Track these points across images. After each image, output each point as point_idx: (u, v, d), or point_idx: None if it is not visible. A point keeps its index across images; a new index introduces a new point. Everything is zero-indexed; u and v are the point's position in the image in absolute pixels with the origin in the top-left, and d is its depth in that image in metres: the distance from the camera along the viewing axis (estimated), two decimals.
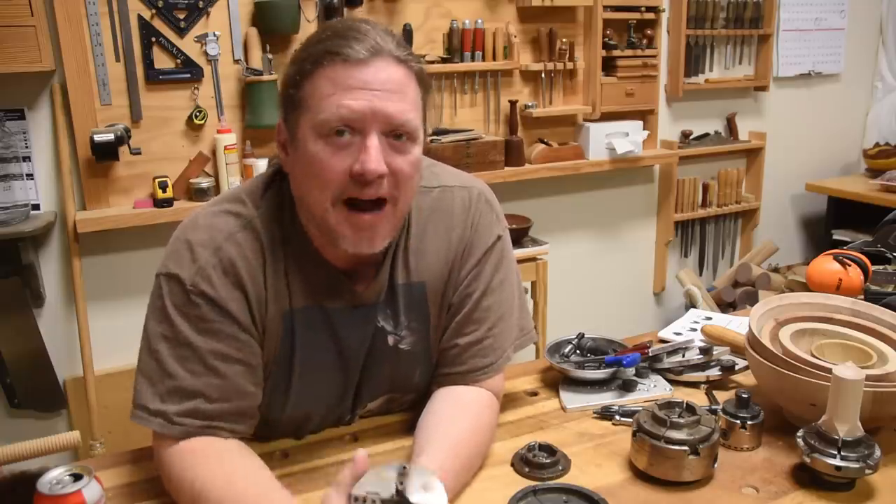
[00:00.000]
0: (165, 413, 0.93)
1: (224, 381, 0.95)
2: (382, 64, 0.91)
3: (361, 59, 0.90)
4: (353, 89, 0.90)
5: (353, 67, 0.90)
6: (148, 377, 0.95)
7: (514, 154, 2.67)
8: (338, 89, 0.90)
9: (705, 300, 3.10)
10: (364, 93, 0.90)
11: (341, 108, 0.89)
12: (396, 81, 0.92)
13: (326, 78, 0.91)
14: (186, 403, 0.93)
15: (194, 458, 0.92)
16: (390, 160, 0.92)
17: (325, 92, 0.90)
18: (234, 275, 0.96)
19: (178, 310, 0.94)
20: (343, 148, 0.91)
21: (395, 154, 0.92)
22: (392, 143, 0.92)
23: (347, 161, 0.91)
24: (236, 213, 1.00)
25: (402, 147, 0.93)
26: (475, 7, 2.61)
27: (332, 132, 0.90)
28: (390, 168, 0.92)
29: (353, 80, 0.90)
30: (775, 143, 3.41)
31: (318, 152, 0.91)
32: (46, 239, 2.19)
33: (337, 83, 0.90)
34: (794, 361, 1.04)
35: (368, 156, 0.89)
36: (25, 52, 1.93)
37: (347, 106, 0.89)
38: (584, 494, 0.92)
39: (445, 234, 1.08)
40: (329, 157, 0.91)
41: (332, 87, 0.90)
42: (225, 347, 0.95)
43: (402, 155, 0.93)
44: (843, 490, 0.95)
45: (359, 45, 0.90)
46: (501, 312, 1.10)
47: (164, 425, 0.93)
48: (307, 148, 0.92)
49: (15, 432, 2.23)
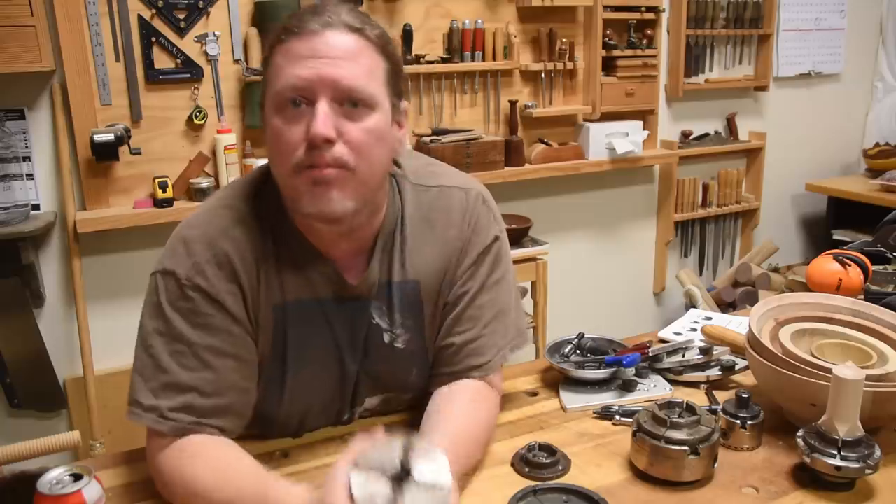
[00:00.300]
0: (158, 408, 0.93)
1: (217, 376, 0.95)
2: (333, 33, 0.92)
3: (312, 30, 0.92)
4: (302, 58, 0.91)
5: (304, 39, 0.92)
6: (142, 373, 0.95)
7: (514, 154, 2.67)
8: (287, 61, 0.92)
9: (705, 300, 3.10)
10: (312, 61, 0.91)
11: (290, 77, 0.91)
12: (346, 48, 0.92)
13: (280, 53, 0.94)
14: (179, 398, 0.93)
15: (186, 457, 0.92)
16: (342, 127, 0.92)
17: (279, 65, 0.93)
18: (229, 269, 0.97)
19: (173, 305, 0.95)
20: (297, 117, 0.92)
21: (347, 120, 0.93)
22: (347, 110, 0.93)
23: (302, 129, 0.92)
24: (230, 208, 1.01)
25: (355, 114, 0.93)
26: (475, 7, 2.61)
27: (287, 103, 0.92)
28: (342, 134, 0.92)
29: (303, 50, 0.92)
30: (775, 143, 3.41)
31: (277, 125, 0.93)
32: (46, 239, 2.19)
33: (289, 56, 0.92)
34: (794, 361, 1.04)
35: (315, 120, 0.90)
36: (25, 52, 1.93)
37: (296, 74, 0.91)
38: (584, 494, 0.92)
39: (442, 234, 1.08)
40: (284, 129, 0.93)
41: (283, 60, 0.93)
42: (219, 342, 0.96)
43: (356, 122, 0.93)
44: (843, 490, 0.95)
45: (312, 19, 0.93)
46: (497, 311, 1.10)
47: (156, 420, 0.93)
48: (269, 123, 0.95)
49: (15, 432, 2.23)
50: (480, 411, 1.05)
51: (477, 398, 1.07)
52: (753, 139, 3.35)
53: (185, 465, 0.92)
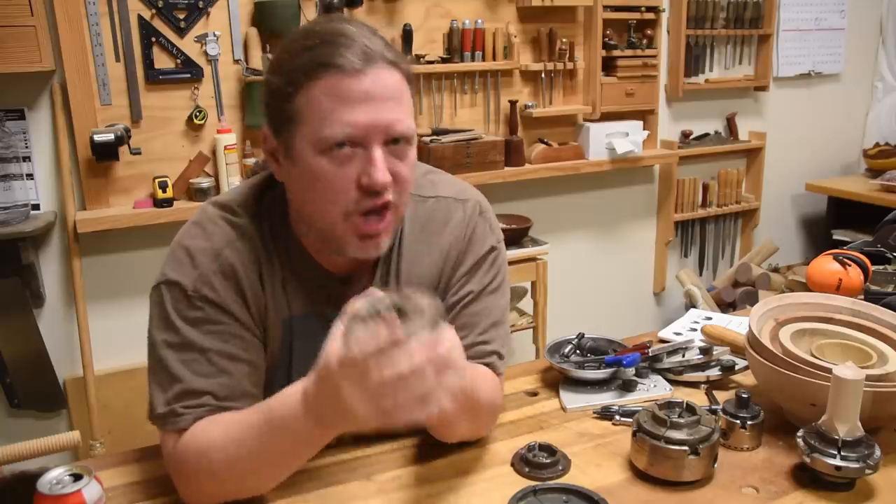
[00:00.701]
0: (174, 410, 0.93)
1: (231, 380, 0.95)
2: (377, 71, 0.89)
3: (357, 68, 0.88)
4: (353, 103, 0.88)
5: (349, 79, 0.88)
6: (158, 384, 0.94)
7: (514, 154, 2.67)
8: (337, 104, 0.88)
9: (705, 300, 3.10)
10: (365, 106, 0.88)
11: (345, 124, 0.88)
12: (393, 88, 0.91)
13: (322, 91, 0.88)
14: (194, 401, 0.93)
15: (199, 432, 0.91)
16: (393, 167, 0.92)
17: (324, 106, 0.88)
18: (235, 280, 0.97)
19: (181, 315, 0.94)
20: (347, 160, 0.90)
21: (396, 160, 0.92)
22: (392, 149, 0.92)
23: (353, 173, 0.90)
24: (231, 222, 0.99)
25: (401, 152, 0.93)
26: (475, 7, 2.61)
27: (334, 146, 0.89)
28: (394, 175, 0.92)
29: (353, 94, 0.88)
30: (775, 143, 3.41)
31: (323, 167, 0.90)
32: (46, 239, 2.19)
33: (336, 97, 0.88)
34: (794, 361, 1.04)
35: (376, 168, 0.89)
36: (25, 52, 1.94)
37: (350, 121, 0.88)
38: (584, 494, 0.92)
39: (438, 244, 1.08)
40: (334, 172, 0.90)
41: (330, 101, 0.88)
42: (231, 347, 0.95)
43: (402, 160, 0.93)
44: (843, 490, 0.95)
45: (350, 54, 0.88)
46: (493, 319, 1.08)
47: (174, 422, 0.92)
48: (308, 162, 0.91)
49: (15, 432, 2.23)
50: (486, 378, 1.04)
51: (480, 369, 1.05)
52: (753, 139, 3.35)
53: (200, 438, 0.91)
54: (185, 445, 0.91)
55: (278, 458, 0.89)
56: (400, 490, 0.98)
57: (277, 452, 0.88)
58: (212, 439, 0.90)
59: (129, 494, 0.99)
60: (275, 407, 0.87)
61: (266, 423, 0.87)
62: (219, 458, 0.89)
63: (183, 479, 0.94)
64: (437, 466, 1.03)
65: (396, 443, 1.09)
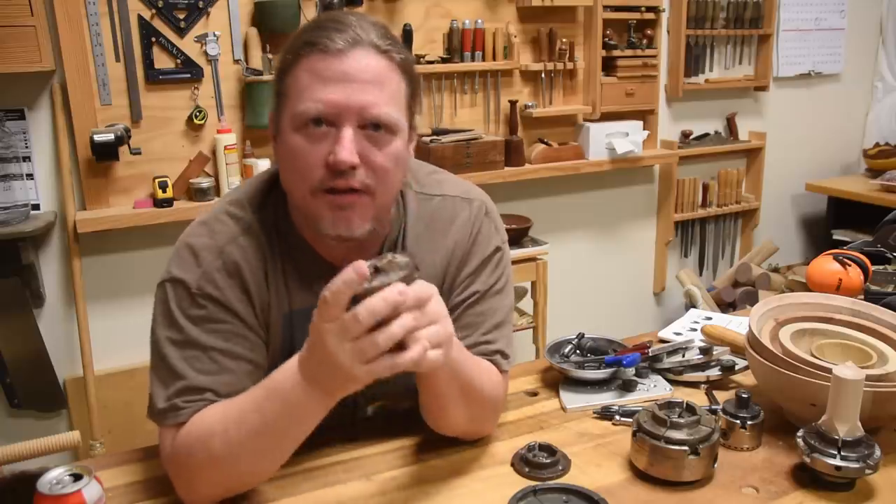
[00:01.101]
0: (174, 405, 0.93)
1: (233, 378, 0.95)
2: (361, 54, 0.90)
3: (339, 48, 0.89)
4: (328, 80, 0.89)
5: (330, 58, 0.90)
6: (161, 381, 0.94)
7: (514, 154, 2.67)
8: (314, 81, 0.90)
9: (705, 300, 3.10)
10: (340, 84, 0.89)
11: (317, 101, 0.90)
12: (374, 72, 0.91)
13: (304, 69, 0.91)
14: (196, 396, 0.93)
15: (197, 421, 0.91)
16: (366, 152, 0.92)
17: (303, 83, 0.91)
18: (239, 277, 0.97)
19: (184, 313, 0.94)
20: (319, 138, 0.91)
21: (371, 146, 0.92)
22: (369, 134, 0.92)
23: (323, 151, 0.91)
24: (236, 217, 1.00)
25: (378, 139, 0.92)
26: (475, 7, 2.61)
27: (309, 123, 0.91)
28: (365, 160, 0.91)
29: (329, 72, 0.89)
30: (775, 143, 3.41)
31: (296, 143, 0.92)
32: (46, 239, 2.19)
33: (314, 74, 0.90)
34: (794, 361, 1.04)
35: (341, 146, 0.89)
36: (25, 52, 1.94)
37: (322, 98, 0.89)
38: (584, 494, 0.92)
39: (442, 244, 1.07)
40: (306, 149, 0.91)
41: (308, 78, 0.90)
42: (233, 346, 0.95)
43: (379, 147, 0.93)
44: (843, 490, 0.95)
45: (338, 36, 0.90)
46: (497, 320, 1.08)
47: (174, 416, 0.92)
48: (286, 138, 0.93)
49: (15, 432, 2.23)
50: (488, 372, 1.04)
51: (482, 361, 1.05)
52: (753, 139, 3.35)
53: (199, 425, 0.91)
54: (184, 436, 0.91)
55: (279, 433, 0.88)
56: (399, 490, 0.98)
57: (279, 426, 0.87)
58: (210, 424, 0.90)
59: (129, 494, 0.99)
60: (273, 379, 0.87)
61: (265, 397, 0.87)
62: (219, 442, 0.88)
63: (182, 473, 0.93)
64: (436, 466, 1.03)
65: (396, 443, 1.09)
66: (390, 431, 1.11)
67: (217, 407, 0.92)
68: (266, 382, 0.88)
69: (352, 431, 1.11)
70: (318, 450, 1.07)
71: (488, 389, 1.03)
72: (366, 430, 1.12)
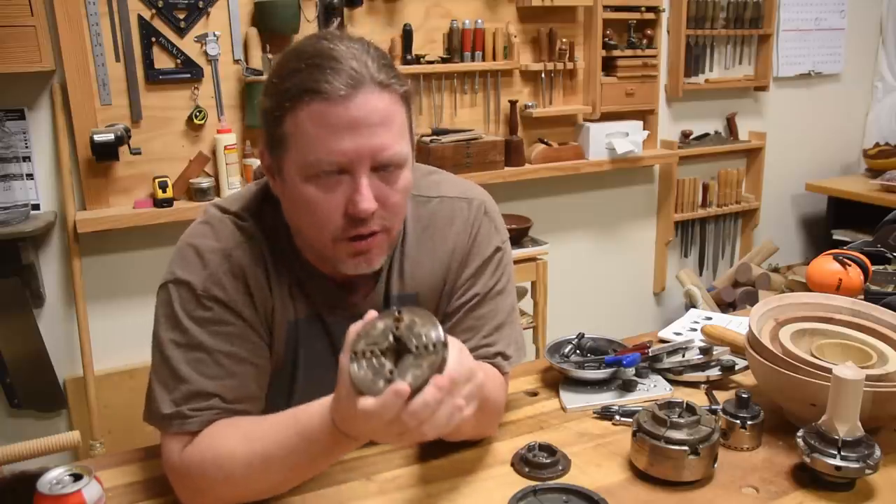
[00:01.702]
0: (182, 412, 0.92)
1: (238, 382, 0.95)
2: (365, 96, 0.87)
3: (343, 95, 0.86)
4: (337, 130, 0.86)
5: (334, 106, 0.86)
6: (164, 384, 0.94)
7: (514, 154, 2.67)
8: (321, 131, 0.86)
9: (705, 300, 3.10)
10: (349, 133, 0.86)
11: (330, 153, 0.87)
12: (381, 113, 0.88)
13: (307, 118, 0.87)
14: (203, 403, 0.92)
15: (217, 437, 0.91)
16: (381, 193, 0.91)
17: (309, 133, 0.87)
18: (244, 281, 0.97)
19: (189, 315, 0.94)
20: (334, 187, 0.89)
21: (385, 185, 0.91)
22: (381, 175, 0.91)
23: (340, 200, 0.90)
24: (239, 226, 1.00)
25: (390, 177, 0.92)
26: (475, 7, 2.61)
27: (321, 174, 0.89)
28: (381, 202, 0.91)
29: (336, 120, 0.86)
30: (775, 143, 3.41)
31: (310, 194, 0.90)
32: (46, 239, 2.19)
33: (319, 124, 0.86)
34: (794, 361, 1.04)
35: (361, 196, 0.88)
36: (25, 52, 1.93)
37: (335, 150, 0.87)
38: (584, 494, 0.92)
39: (442, 246, 1.07)
40: (321, 199, 0.90)
41: (314, 128, 0.87)
42: (238, 349, 0.95)
43: (392, 185, 0.92)
44: (843, 490, 0.95)
45: (337, 79, 0.86)
46: (498, 321, 1.08)
47: (181, 424, 0.92)
48: (296, 187, 0.91)
49: (15, 432, 2.23)
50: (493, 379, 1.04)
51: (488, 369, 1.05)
52: (753, 139, 3.35)
53: (217, 444, 0.90)
54: (199, 452, 0.91)
55: (304, 467, 0.89)
56: (400, 490, 0.98)
57: (304, 462, 0.88)
58: (232, 448, 0.89)
59: (129, 494, 0.99)
60: (303, 419, 0.86)
61: (296, 434, 0.86)
62: (239, 466, 0.88)
63: (190, 486, 0.92)
64: (437, 466, 1.03)
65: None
66: None
67: (237, 431, 0.91)
68: (296, 421, 0.87)
69: None
70: None
71: (493, 396, 1.03)
72: None
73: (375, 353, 0.77)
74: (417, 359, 0.76)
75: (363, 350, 0.77)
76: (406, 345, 0.77)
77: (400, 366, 0.76)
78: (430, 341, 0.77)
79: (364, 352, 0.77)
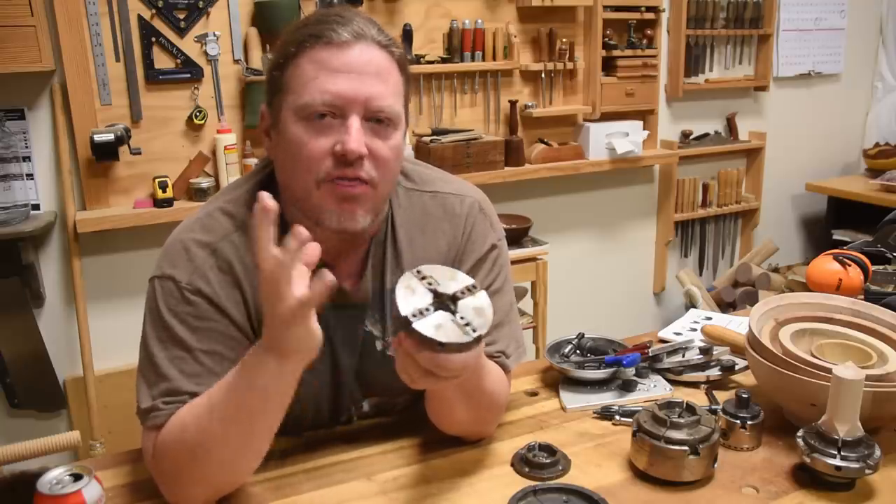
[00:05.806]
0: (156, 405, 0.92)
1: (218, 381, 0.94)
2: (365, 47, 0.92)
3: (344, 41, 0.91)
4: (335, 72, 0.91)
5: (336, 50, 0.91)
6: (146, 380, 0.95)
7: (514, 154, 2.67)
8: (320, 72, 0.91)
9: (705, 300, 3.10)
10: (347, 75, 0.90)
11: (325, 92, 0.90)
12: (378, 65, 0.93)
13: (309, 60, 0.92)
14: (176, 398, 0.93)
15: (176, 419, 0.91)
16: (371, 143, 0.93)
17: (308, 75, 0.91)
18: (231, 274, 0.97)
19: (172, 310, 0.94)
20: (324, 129, 0.92)
21: (376, 137, 0.93)
22: (373, 126, 0.93)
23: (329, 142, 0.91)
24: (230, 215, 1.00)
25: (382, 131, 0.94)
26: (475, 7, 2.61)
27: (314, 115, 0.91)
28: (371, 151, 0.92)
29: (336, 62, 0.91)
30: (775, 143, 3.41)
31: (301, 134, 0.92)
32: (46, 239, 2.19)
33: (320, 65, 0.91)
34: (794, 361, 1.04)
35: (350, 136, 0.90)
36: (25, 52, 1.94)
37: (330, 90, 0.90)
38: (584, 494, 0.92)
39: (434, 242, 1.07)
40: (311, 139, 0.92)
41: (314, 69, 0.91)
42: (219, 347, 0.95)
43: (383, 139, 0.94)
44: (843, 490, 0.95)
45: (342, 29, 0.91)
46: (497, 320, 1.06)
47: (155, 416, 0.92)
48: (289, 130, 0.93)
49: (15, 432, 2.23)
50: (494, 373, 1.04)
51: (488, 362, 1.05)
52: (753, 139, 3.35)
53: (174, 422, 0.90)
54: (163, 436, 0.91)
55: (250, 416, 0.87)
56: (400, 490, 0.98)
57: (248, 408, 0.86)
58: (182, 418, 0.90)
59: (129, 494, 0.99)
60: (238, 364, 0.88)
61: (232, 380, 0.87)
62: (192, 433, 0.88)
63: (165, 473, 0.92)
64: (437, 466, 1.03)
65: (396, 443, 1.09)
66: (390, 431, 1.11)
67: (189, 406, 0.91)
68: (232, 371, 0.89)
69: (351, 431, 1.11)
70: (318, 450, 1.07)
71: (495, 391, 1.03)
72: (366, 430, 1.12)
73: (429, 310, 0.81)
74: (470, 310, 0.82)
75: (413, 313, 0.80)
76: (452, 296, 0.83)
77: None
78: (467, 283, 0.84)
79: (421, 311, 0.80)
